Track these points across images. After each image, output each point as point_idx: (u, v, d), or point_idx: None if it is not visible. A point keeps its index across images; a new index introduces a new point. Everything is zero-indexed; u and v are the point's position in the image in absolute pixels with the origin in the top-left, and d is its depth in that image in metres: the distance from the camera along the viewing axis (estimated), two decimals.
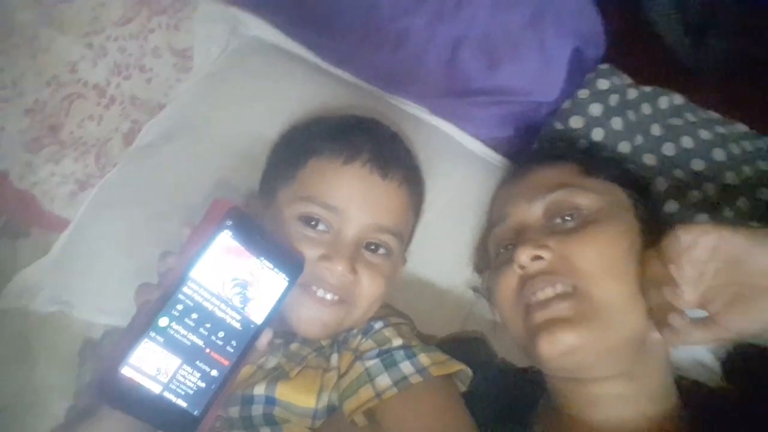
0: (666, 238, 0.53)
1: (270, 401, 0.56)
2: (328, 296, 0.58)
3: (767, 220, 0.76)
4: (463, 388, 0.60)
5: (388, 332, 0.59)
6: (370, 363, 0.56)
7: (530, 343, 0.56)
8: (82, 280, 0.72)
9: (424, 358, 0.57)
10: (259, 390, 0.56)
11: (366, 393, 0.54)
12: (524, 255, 0.57)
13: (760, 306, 0.49)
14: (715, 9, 1.23)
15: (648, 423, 0.56)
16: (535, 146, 0.80)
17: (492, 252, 0.66)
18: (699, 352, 0.68)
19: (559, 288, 0.56)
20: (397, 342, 0.58)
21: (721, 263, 0.50)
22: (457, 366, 0.58)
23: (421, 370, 0.56)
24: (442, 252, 0.75)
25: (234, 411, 0.56)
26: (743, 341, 0.59)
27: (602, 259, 0.56)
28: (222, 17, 0.84)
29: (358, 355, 0.58)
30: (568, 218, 0.59)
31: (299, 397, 0.56)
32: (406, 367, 0.56)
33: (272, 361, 0.59)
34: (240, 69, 0.82)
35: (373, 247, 0.61)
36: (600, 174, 0.64)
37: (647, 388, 0.58)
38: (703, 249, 0.51)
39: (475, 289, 0.74)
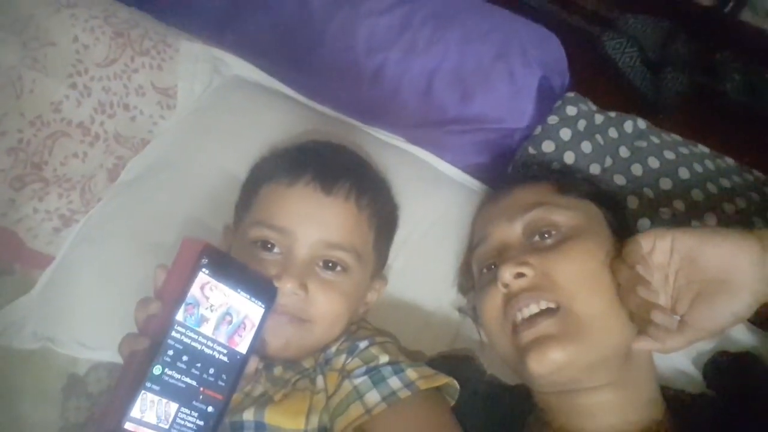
0: (627, 245, 0.56)
1: (260, 426, 0.56)
2: (285, 317, 0.59)
3: None
4: (451, 402, 0.60)
5: (374, 350, 0.60)
6: (358, 380, 0.57)
7: (519, 361, 0.58)
8: (66, 315, 0.71)
9: (411, 373, 0.57)
10: (248, 416, 0.56)
11: (356, 410, 0.55)
12: (507, 273, 0.58)
13: (721, 299, 0.52)
14: (671, 45, 1.31)
15: (636, 431, 0.57)
16: (510, 170, 0.84)
17: (475, 272, 0.68)
18: (680, 361, 0.70)
19: (543, 304, 0.58)
20: (384, 359, 0.59)
21: (679, 264, 0.53)
22: (444, 379, 0.59)
23: (408, 385, 0.56)
24: (427, 275, 0.76)
25: None
26: (718, 341, 0.61)
27: (582, 273, 0.59)
28: (204, 57, 0.87)
29: (346, 374, 0.58)
30: (547, 235, 0.62)
31: (288, 420, 0.55)
32: (394, 382, 0.56)
33: (258, 389, 0.59)
34: (222, 106, 0.85)
35: (330, 264, 0.61)
36: (574, 192, 0.66)
37: (634, 396, 0.59)
38: (661, 252, 0.54)
39: (460, 310, 0.75)
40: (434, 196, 0.81)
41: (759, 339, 0.68)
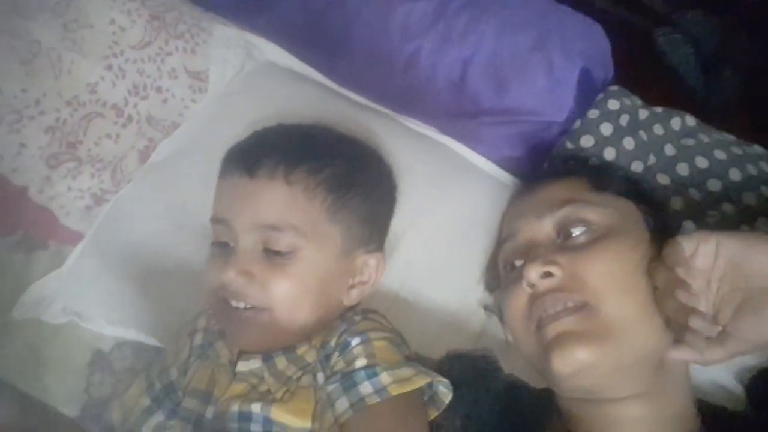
0: (667, 247, 0.53)
1: (267, 422, 0.55)
2: (241, 305, 0.58)
3: None
4: (445, 401, 0.58)
5: (357, 350, 0.57)
6: (331, 387, 0.55)
7: (543, 360, 0.55)
8: (93, 292, 0.73)
9: (385, 377, 0.55)
10: (256, 408, 0.56)
11: (328, 418, 0.54)
12: (533, 272, 0.56)
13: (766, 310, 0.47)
14: (729, 43, 1.23)
15: None
16: (546, 165, 0.80)
17: (502, 269, 0.66)
18: (721, 375, 0.65)
19: (570, 304, 0.55)
20: (361, 362, 0.56)
21: (724, 269, 0.49)
22: (423, 380, 0.56)
23: (379, 390, 0.54)
24: (454, 270, 0.74)
25: (232, 428, 0.56)
26: (764, 355, 0.57)
27: (613, 275, 0.55)
28: (237, 42, 0.87)
29: (329, 377, 0.57)
30: (578, 234, 0.59)
31: (294, 419, 0.55)
32: (365, 387, 0.54)
33: (263, 384, 0.59)
34: (253, 91, 0.84)
35: (273, 247, 0.59)
36: (610, 188, 0.63)
37: (666, 409, 0.55)
38: (704, 256, 0.50)
39: (486, 308, 0.72)
40: (464, 188, 0.78)
41: None
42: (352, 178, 0.64)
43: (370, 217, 0.67)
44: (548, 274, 0.56)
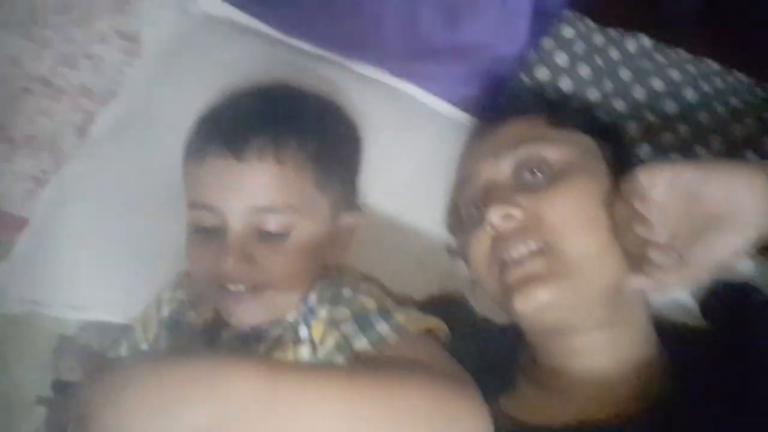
0: (625, 180, 0.53)
1: None
2: (240, 288, 0.57)
3: (741, 157, 0.76)
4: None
5: (360, 297, 0.58)
6: (346, 329, 0.55)
7: (506, 301, 0.56)
8: (49, 277, 0.70)
9: (399, 316, 0.56)
10: None
11: (345, 357, 0.54)
12: (495, 215, 0.56)
13: (723, 235, 0.49)
14: None
15: (629, 368, 0.56)
16: (502, 102, 0.79)
17: (463, 212, 0.66)
18: (677, 293, 0.67)
19: (533, 245, 0.55)
20: (371, 304, 0.57)
21: (680, 199, 0.50)
22: (434, 320, 0.57)
23: (398, 329, 0.54)
24: (417, 214, 0.74)
25: None
26: (718, 277, 0.59)
27: (574, 214, 0.56)
28: None
29: (333, 324, 0.56)
30: (538, 173, 0.59)
31: None
32: (382, 327, 0.54)
33: (245, 349, 0.59)
34: (192, 48, 0.79)
35: (268, 229, 0.58)
36: (568, 124, 0.63)
37: (627, 335, 0.58)
38: (661, 188, 0.50)
39: (449, 250, 0.73)
40: (421, 133, 0.77)
41: (760, 268, 0.65)
42: (334, 145, 0.63)
43: (349, 179, 0.67)
44: (510, 216, 0.56)
